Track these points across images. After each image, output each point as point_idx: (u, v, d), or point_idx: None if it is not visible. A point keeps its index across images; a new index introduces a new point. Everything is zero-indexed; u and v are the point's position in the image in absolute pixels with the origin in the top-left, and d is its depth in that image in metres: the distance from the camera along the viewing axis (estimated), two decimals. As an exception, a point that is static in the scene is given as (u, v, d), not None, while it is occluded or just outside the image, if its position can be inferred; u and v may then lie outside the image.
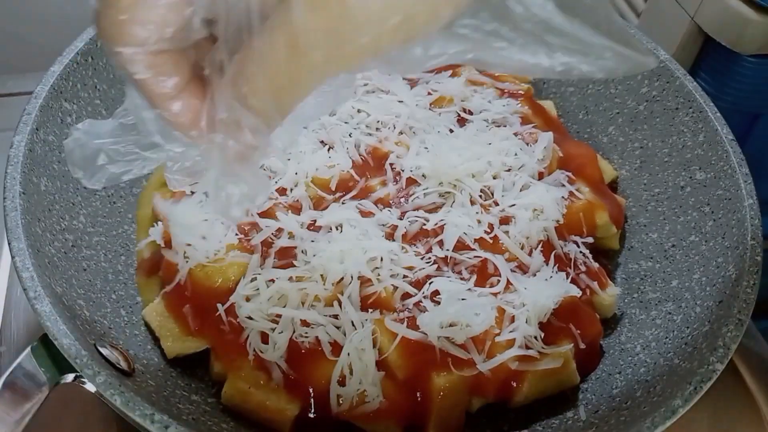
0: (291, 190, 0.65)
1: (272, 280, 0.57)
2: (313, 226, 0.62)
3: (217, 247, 0.60)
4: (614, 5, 0.95)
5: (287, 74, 0.31)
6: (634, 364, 0.60)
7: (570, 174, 0.69)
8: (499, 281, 0.59)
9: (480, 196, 0.64)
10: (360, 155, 0.68)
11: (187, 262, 0.60)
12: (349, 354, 0.54)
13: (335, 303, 0.56)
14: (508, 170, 0.67)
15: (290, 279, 0.57)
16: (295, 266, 0.59)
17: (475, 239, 0.61)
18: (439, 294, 0.57)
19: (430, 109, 0.73)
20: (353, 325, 0.55)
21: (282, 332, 0.55)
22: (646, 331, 0.62)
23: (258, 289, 0.57)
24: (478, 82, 0.76)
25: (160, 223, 0.63)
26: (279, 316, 0.56)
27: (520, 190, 0.65)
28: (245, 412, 0.55)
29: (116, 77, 0.71)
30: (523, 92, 0.76)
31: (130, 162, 0.40)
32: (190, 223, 0.61)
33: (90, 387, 0.47)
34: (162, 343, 0.59)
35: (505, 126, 0.72)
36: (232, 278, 0.59)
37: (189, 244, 0.60)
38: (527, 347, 0.56)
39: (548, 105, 0.80)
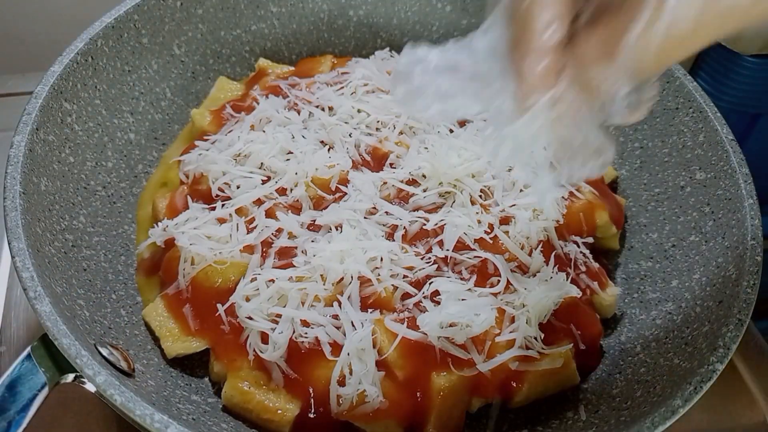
0: (291, 190, 0.65)
1: (272, 280, 0.57)
2: (313, 226, 0.62)
3: (220, 247, 0.60)
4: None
5: (652, 37, 0.34)
6: (634, 364, 0.60)
7: (570, 174, 0.69)
8: (499, 281, 0.59)
9: (480, 196, 0.64)
10: (360, 155, 0.68)
11: (185, 261, 0.60)
12: (349, 354, 0.54)
13: (335, 303, 0.56)
14: (508, 170, 0.67)
15: (290, 279, 0.57)
16: (295, 266, 0.59)
17: (475, 239, 0.61)
18: (439, 294, 0.57)
19: (430, 109, 0.73)
20: (353, 325, 0.55)
21: (282, 332, 0.55)
22: (646, 331, 0.62)
23: (258, 289, 0.57)
24: (478, 82, 0.76)
25: (160, 223, 0.63)
26: (279, 316, 0.56)
27: (520, 190, 0.65)
28: (245, 412, 0.55)
29: (116, 77, 0.71)
30: (523, 92, 0.76)
31: (448, 99, 0.43)
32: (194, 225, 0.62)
33: (90, 387, 0.47)
34: (162, 343, 0.59)
35: (505, 126, 0.72)
36: (232, 278, 0.59)
37: (192, 244, 0.60)
38: (527, 347, 0.56)
39: (548, 105, 0.80)
